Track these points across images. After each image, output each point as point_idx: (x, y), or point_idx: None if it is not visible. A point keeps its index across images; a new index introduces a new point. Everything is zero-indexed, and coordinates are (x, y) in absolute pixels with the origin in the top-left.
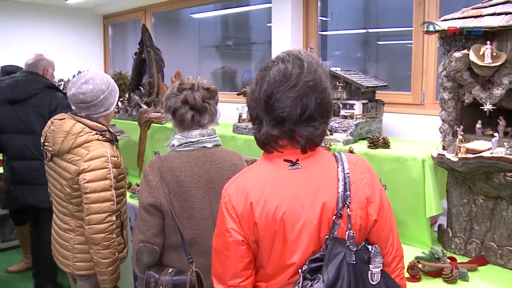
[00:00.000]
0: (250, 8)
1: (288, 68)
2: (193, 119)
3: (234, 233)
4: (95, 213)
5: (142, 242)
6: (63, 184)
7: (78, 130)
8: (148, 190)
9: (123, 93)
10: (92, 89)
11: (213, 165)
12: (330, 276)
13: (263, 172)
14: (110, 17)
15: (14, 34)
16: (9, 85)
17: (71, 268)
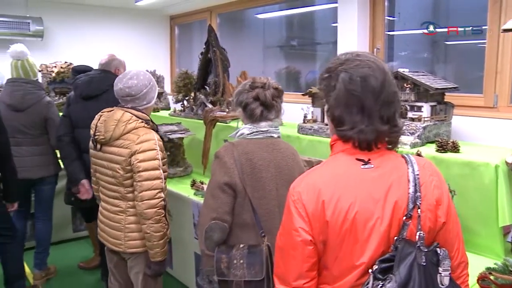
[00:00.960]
0: (315, 8)
1: (371, 60)
2: (262, 114)
3: (303, 233)
4: (147, 190)
5: (213, 219)
6: (115, 168)
7: (128, 118)
8: (223, 170)
9: (188, 92)
10: (136, 84)
11: (280, 152)
12: (402, 276)
13: (334, 171)
14: (177, 17)
15: (88, 35)
16: (84, 82)
17: (123, 247)
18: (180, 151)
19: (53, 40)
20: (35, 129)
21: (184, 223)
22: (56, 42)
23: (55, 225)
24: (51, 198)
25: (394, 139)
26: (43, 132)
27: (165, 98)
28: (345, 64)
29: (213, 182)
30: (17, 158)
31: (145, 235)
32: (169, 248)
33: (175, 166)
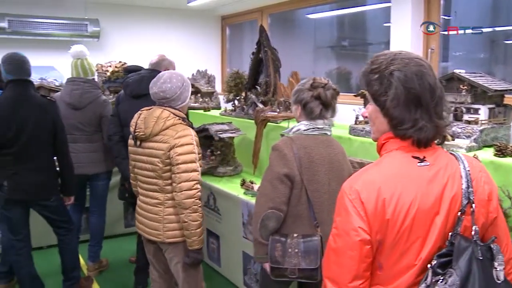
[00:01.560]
0: (367, 8)
1: (421, 61)
2: (321, 113)
3: (362, 232)
4: (185, 181)
5: (270, 208)
6: (155, 161)
7: (166, 115)
8: (283, 162)
9: (239, 92)
10: (170, 87)
11: (333, 149)
12: (463, 270)
13: (392, 168)
14: (228, 18)
15: (141, 36)
16: (134, 80)
17: (162, 237)
18: (230, 150)
19: (109, 40)
20: (91, 126)
21: (233, 222)
22: (111, 42)
23: (108, 219)
24: (105, 193)
25: (443, 135)
26: (98, 129)
27: (216, 97)
28: (394, 63)
29: (272, 173)
30: (73, 154)
31: (183, 224)
32: (217, 246)
33: (225, 165)
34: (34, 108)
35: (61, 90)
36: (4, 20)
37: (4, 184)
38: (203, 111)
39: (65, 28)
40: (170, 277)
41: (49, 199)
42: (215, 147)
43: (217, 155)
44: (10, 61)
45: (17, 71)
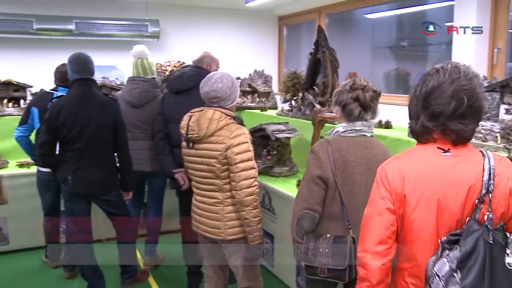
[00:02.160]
0: (428, 7)
1: (446, 73)
2: (360, 114)
3: (387, 201)
4: (244, 179)
5: (305, 209)
6: (211, 162)
7: (218, 116)
8: (317, 164)
9: (297, 92)
10: (221, 87)
11: (371, 151)
12: (467, 247)
13: (417, 156)
14: (285, 18)
15: (200, 35)
16: (176, 76)
17: (223, 235)
18: (286, 150)
19: (168, 40)
20: (150, 125)
21: (288, 222)
22: (170, 42)
23: (164, 216)
24: (163, 190)
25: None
26: None
27: (273, 97)
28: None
29: (307, 174)
30: (133, 151)
31: (244, 221)
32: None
33: (281, 165)
34: (97, 106)
35: (121, 89)
36: (71, 23)
37: (68, 178)
38: (260, 111)
39: (126, 29)
40: (224, 274)
41: (109, 193)
42: (272, 147)
43: (273, 155)
44: (76, 61)
45: (81, 70)
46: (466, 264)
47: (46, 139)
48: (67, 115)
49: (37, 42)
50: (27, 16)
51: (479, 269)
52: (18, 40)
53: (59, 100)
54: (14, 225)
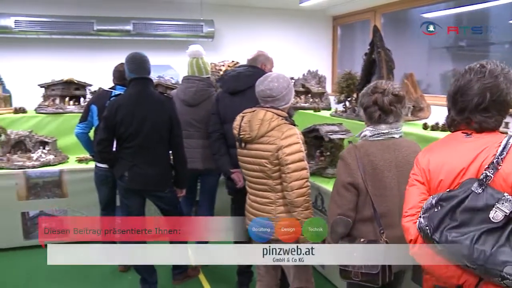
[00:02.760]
0: (489, 5)
1: (472, 73)
2: (380, 118)
3: (419, 177)
4: (295, 180)
5: (338, 215)
6: (263, 162)
7: (270, 117)
8: (347, 171)
9: (351, 93)
10: (277, 87)
11: (401, 152)
12: (452, 192)
13: (444, 140)
14: (339, 18)
15: (253, 35)
16: (231, 77)
17: (275, 235)
18: (340, 151)
19: (222, 40)
20: (204, 123)
21: None
22: (225, 42)
23: (215, 214)
24: (215, 188)
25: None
26: None
27: (326, 98)
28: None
29: (339, 181)
30: (187, 149)
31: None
32: None
33: (334, 166)
34: (153, 105)
35: (176, 88)
36: (129, 23)
37: (125, 174)
38: (313, 111)
39: (182, 29)
40: (276, 273)
41: (164, 190)
42: (325, 148)
43: (326, 156)
44: (133, 61)
45: (138, 70)
46: (444, 202)
47: (104, 136)
48: (125, 113)
49: (97, 42)
50: (88, 18)
51: (449, 208)
52: (79, 41)
53: (117, 98)
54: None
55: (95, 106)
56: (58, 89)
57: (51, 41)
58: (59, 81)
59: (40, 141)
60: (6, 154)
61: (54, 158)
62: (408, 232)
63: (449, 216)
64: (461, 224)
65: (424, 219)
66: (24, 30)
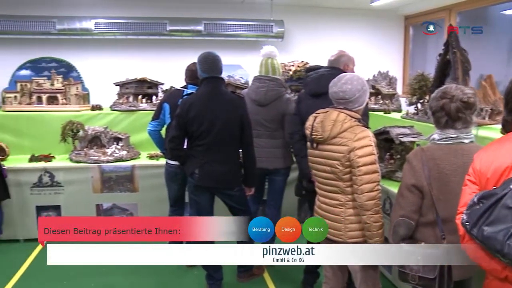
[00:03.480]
0: None
1: None
2: (447, 123)
3: (471, 177)
4: (366, 183)
5: (401, 216)
6: (334, 164)
7: (343, 118)
8: (412, 173)
9: (423, 95)
10: (350, 89)
11: (469, 158)
12: (494, 190)
13: (497, 140)
14: (412, 17)
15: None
16: (313, 79)
17: (343, 237)
18: None
19: (292, 40)
20: (274, 123)
21: None
22: (294, 42)
23: (282, 214)
24: (282, 188)
25: None
26: (280, 126)
27: (397, 100)
28: None
29: (403, 183)
30: (256, 148)
31: (365, 225)
32: None
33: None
34: (225, 104)
35: (248, 87)
36: (201, 24)
37: (196, 172)
38: (383, 113)
39: (252, 29)
40: (343, 276)
41: (233, 188)
42: (395, 151)
43: (396, 159)
44: (205, 61)
45: (210, 69)
46: (484, 200)
47: (176, 133)
48: (196, 112)
49: (169, 42)
50: (161, 19)
51: (488, 205)
52: (152, 41)
53: (189, 97)
54: (143, 212)
55: (168, 104)
56: (132, 88)
57: (126, 42)
58: (133, 80)
59: (114, 137)
60: (83, 149)
61: (127, 153)
62: (458, 227)
63: (487, 213)
64: (496, 221)
65: (466, 215)
66: (102, 32)
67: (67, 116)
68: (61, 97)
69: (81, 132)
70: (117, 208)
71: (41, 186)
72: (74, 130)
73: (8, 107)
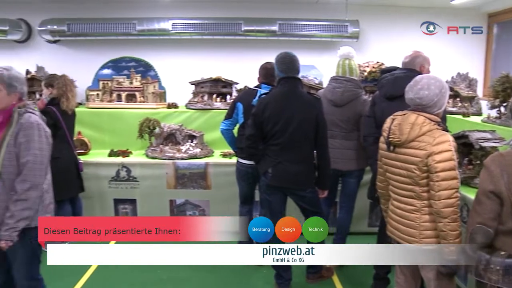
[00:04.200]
0: None
1: None
2: None
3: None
4: (444, 189)
5: (478, 223)
6: (411, 168)
7: (422, 121)
8: (489, 179)
9: (507, 98)
10: (427, 94)
11: None
12: None
13: None
14: (496, 15)
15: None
16: (389, 81)
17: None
18: None
19: (367, 41)
20: (349, 124)
21: None
22: (370, 42)
23: (353, 216)
24: (355, 190)
25: None
26: (355, 128)
27: (477, 103)
28: None
29: (480, 189)
30: (330, 149)
31: (441, 233)
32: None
33: None
34: (301, 104)
35: (319, 88)
36: (275, 24)
37: (269, 171)
38: (462, 116)
39: (326, 30)
40: (416, 283)
41: (305, 189)
42: (474, 156)
43: (475, 164)
44: (282, 61)
45: (288, 69)
46: None
47: (252, 132)
48: (272, 111)
49: (244, 42)
50: (236, 19)
51: None
52: (227, 41)
53: (266, 96)
54: (214, 209)
55: (241, 104)
56: (207, 87)
57: (202, 42)
58: (208, 79)
59: (189, 134)
60: (159, 145)
61: (200, 151)
62: None
63: None
64: None
65: None
66: (179, 32)
67: (144, 113)
68: (139, 95)
69: (157, 129)
70: (189, 204)
71: (118, 180)
72: (150, 127)
73: (91, 104)
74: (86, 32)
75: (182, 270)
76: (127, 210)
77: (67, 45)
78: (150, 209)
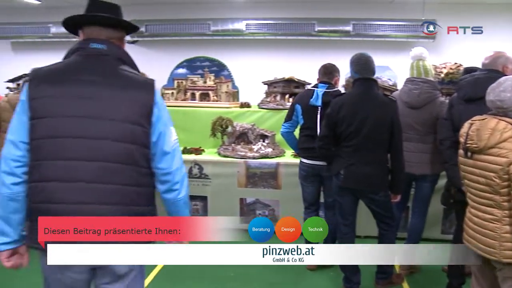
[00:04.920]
0: None
1: None
2: None
3: None
4: None
5: None
6: (491, 176)
7: (503, 126)
8: None
9: None
10: (510, 97)
11: None
12: None
13: None
14: None
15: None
16: (468, 83)
17: (497, 256)
18: None
19: (445, 41)
20: (425, 127)
21: None
22: (447, 43)
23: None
24: (429, 195)
25: None
26: (431, 131)
27: None
28: None
29: None
30: (404, 152)
31: None
32: None
33: None
34: (376, 106)
35: (393, 90)
36: (349, 24)
37: (341, 172)
38: None
39: (402, 30)
40: None
41: (377, 193)
42: None
43: None
44: (358, 61)
45: (363, 70)
46: None
47: (325, 133)
48: (347, 112)
49: (317, 43)
50: (309, 20)
51: None
52: (301, 41)
53: (341, 97)
54: (284, 208)
55: (299, 105)
56: (279, 87)
57: (275, 42)
58: (280, 79)
59: (260, 134)
60: (231, 144)
61: (272, 151)
62: None
63: None
64: None
65: None
66: (253, 32)
67: (217, 112)
68: (212, 94)
69: (229, 128)
70: (259, 203)
71: (190, 177)
72: (223, 126)
73: (166, 102)
74: (162, 32)
75: (250, 268)
76: (198, 207)
77: (145, 45)
78: (221, 207)
